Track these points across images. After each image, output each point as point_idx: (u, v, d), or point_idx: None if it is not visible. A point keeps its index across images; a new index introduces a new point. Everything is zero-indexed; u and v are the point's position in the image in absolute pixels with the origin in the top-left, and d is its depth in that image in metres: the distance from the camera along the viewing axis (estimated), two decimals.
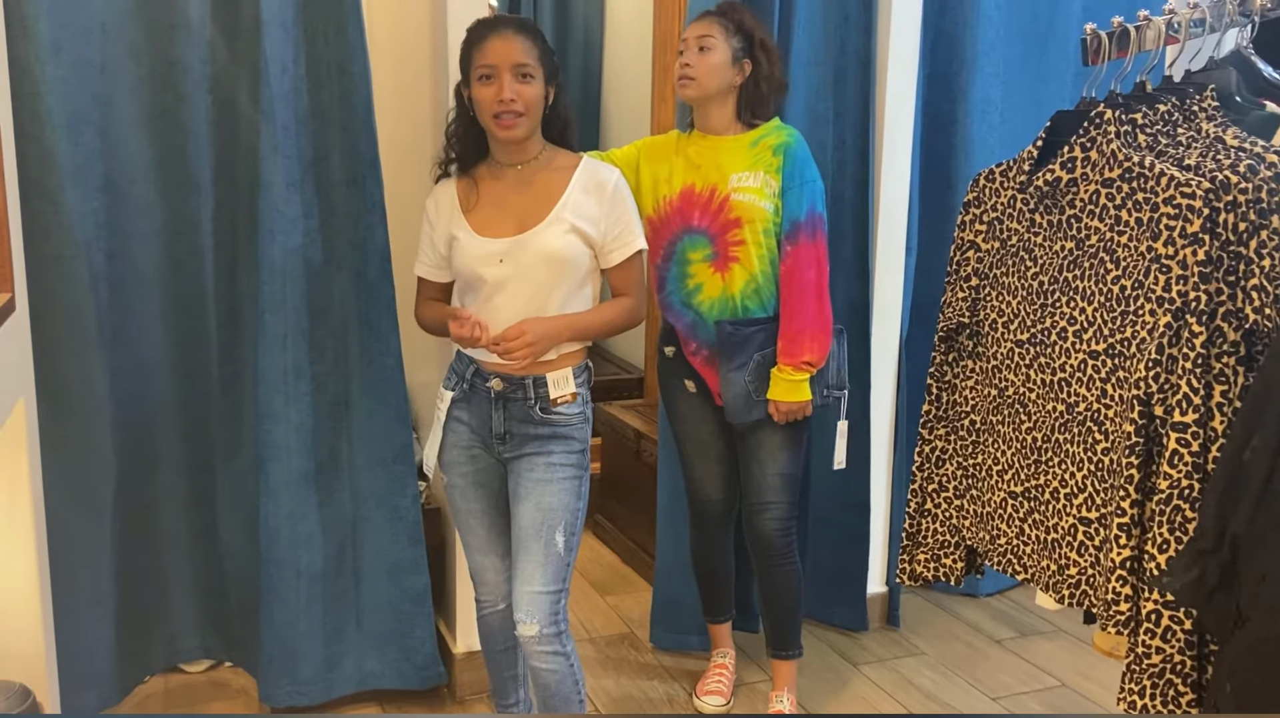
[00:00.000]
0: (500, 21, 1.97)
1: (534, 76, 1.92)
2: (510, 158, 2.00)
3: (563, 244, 1.95)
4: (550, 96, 1.99)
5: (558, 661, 1.98)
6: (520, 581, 1.98)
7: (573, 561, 2.02)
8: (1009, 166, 1.84)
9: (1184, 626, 1.54)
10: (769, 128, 2.33)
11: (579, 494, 2.02)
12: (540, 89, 1.94)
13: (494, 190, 2.02)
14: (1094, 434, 1.69)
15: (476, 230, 1.99)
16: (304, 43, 2.25)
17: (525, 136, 1.96)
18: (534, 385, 1.99)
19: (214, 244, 2.32)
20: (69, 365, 2.16)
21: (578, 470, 2.02)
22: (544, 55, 1.95)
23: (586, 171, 2.01)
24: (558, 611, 1.98)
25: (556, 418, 2.00)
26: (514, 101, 1.90)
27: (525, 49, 1.91)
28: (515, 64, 1.90)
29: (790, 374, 2.28)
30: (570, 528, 1.99)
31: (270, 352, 2.29)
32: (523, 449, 2.01)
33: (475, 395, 2.04)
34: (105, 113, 2.17)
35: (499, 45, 1.90)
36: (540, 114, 1.97)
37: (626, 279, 2.03)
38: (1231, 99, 1.69)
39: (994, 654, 2.91)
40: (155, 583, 2.43)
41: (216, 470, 2.42)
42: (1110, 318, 1.64)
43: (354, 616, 2.49)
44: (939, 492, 2.02)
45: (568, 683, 2.00)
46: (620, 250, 2.00)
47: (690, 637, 2.84)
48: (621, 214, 2.00)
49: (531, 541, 1.98)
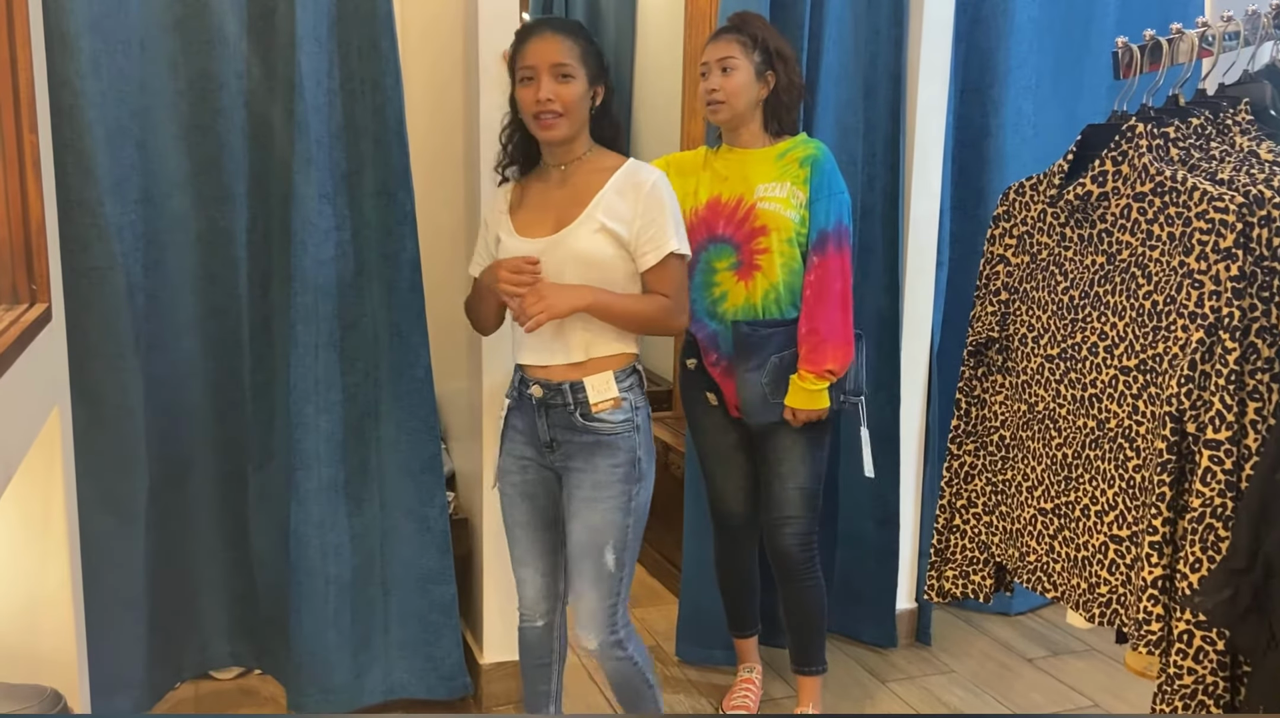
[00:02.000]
0: (541, 23, 1.98)
1: (574, 77, 1.91)
2: (555, 158, 2.01)
3: (591, 244, 1.93)
4: (598, 97, 1.97)
5: (623, 664, 2.04)
6: (574, 595, 2.02)
7: (626, 574, 2.01)
8: (1039, 180, 1.82)
9: (1216, 646, 1.51)
10: (796, 141, 2.34)
11: (627, 510, 1.98)
12: (581, 89, 1.93)
13: (539, 191, 2.03)
14: (1125, 451, 1.66)
15: (518, 230, 2.00)
16: (338, 57, 2.28)
17: (566, 137, 1.95)
18: (572, 391, 1.97)
19: (248, 255, 2.35)
20: (105, 374, 2.20)
21: (625, 485, 1.97)
22: (587, 55, 1.94)
23: (625, 172, 1.98)
24: (614, 620, 2.01)
25: (600, 425, 1.97)
26: (551, 102, 1.90)
27: (564, 49, 1.91)
28: (553, 64, 1.90)
29: (812, 383, 2.28)
30: (619, 544, 1.98)
31: (302, 362, 2.31)
32: (571, 460, 2.00)
33: (523, 403, 2.05)
34: (143, 126, 2.21)
35: (538, 46, 1.92)
36: (583, 114, 1.96)
37: (661, 282, 1.97)
38: (1266, 112, 1.66)
39: (1025, 673, 2.87)
40: (186, 590, 2.46)
41: (247, 479, 2.44)
42: (1142, 333, 1.62)
43: (382, 625, 2.51)
44: (968, 508, 2.00)
45: (636, 679, 2.06)
46: (653, 253, 1.95)
47: (716, 651, 2.83)
48: (656, 215, 1.95)
49: (583, 558, 1.99)
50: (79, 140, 2.09)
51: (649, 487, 2.03)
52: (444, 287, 2.71)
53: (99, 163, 2.13)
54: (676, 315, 2.00)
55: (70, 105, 2.07)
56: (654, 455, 2.06)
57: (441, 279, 2.70)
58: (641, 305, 1.98)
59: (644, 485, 2.02)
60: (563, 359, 1.98)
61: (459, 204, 2.61)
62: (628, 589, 2.03)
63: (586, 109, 1.96)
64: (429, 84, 2.81)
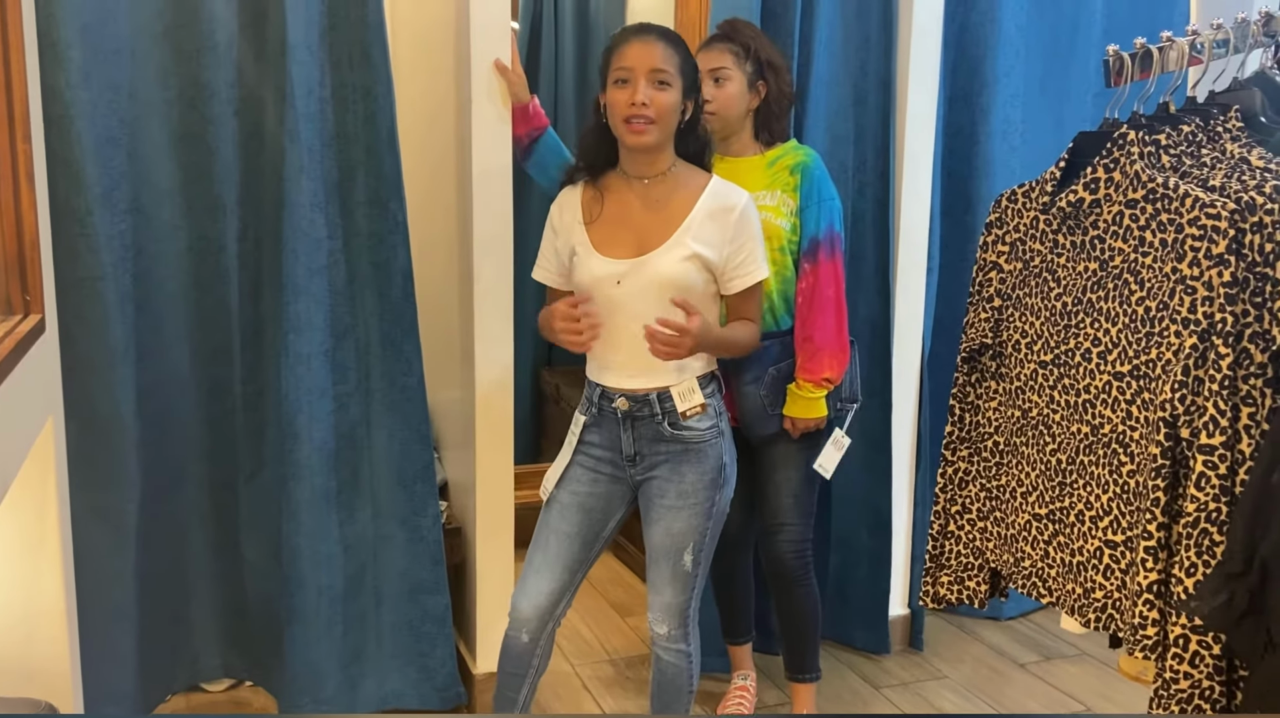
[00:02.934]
0: (645, 28, 1.95)
1: (671, 85, 1.89)
2: (639, 170, 1.97)
3: (680, 271, 1.92)
4: (689, 111, 1.95)
5: (680, 657, 2.09)
6: (652, 590, 2.07)
7: (702, 572, 2.05)
8: (1031, 187, 1.84)
9: (1212, 650, 1.52)
10: (787, 148, 2.34)
11: (709, 515, 2.01)
12: (676, 99, 1.90)
13: (619, 204, 1.98)
14: (1119, 456, 1.67)
15: (596, 247, 1.97)
16: (329, 66, 2.27)
17: (655, 145, 1.92)
18: (659, 400, 1.97)
19: (239, 264, 2.34)
20: (96, 385, 2.18)
21: (711, 492, 1.99)
22: (685, 67, 1.92)
23: (714, 194, 1.96)
24: (687, 616, 2.07)
25: (688, 433, 1.97)
26: (645, 106, 1.87)
27: (664, 56, 1.89)
28: (652, 69, 1.87)
29: (810, 391, 2.28)
30: (699, 547, 2.02)
31: (293, 371, 2.30)
32: (654, 471, 2.01)
33: (604, 418, 2.03)
34: (133, 136, 2.20)
35: (638, 49, 1.89)
36: (673, 125, 1.93)
37: (747, 306, 2.02)
38: (1256, 119, 1.68)
39: (1018, 678, 2.88)
40: (178, 601, 2.45)
41: (239, 489, 2.43)
42: (1135, 339, 1.63)
43: (375, 635, 2.50)
44: (962, 513, 2.01)
45: (682, 677, 2.11)
46: (742, 279, 1.97)
47: (711, 658, 2.82)
48: (746, 241, 1.95)
49: (662, 559, 2.03)
50: (68, 150, 2.08)
51: (730, 490, 2.06)
52: (436, 295, 2.70)
53: (88, 172, 2.11)
54: (759, 337, 2.08)
55: (59, 115, 2.06)
56: (736, 459, 2.08)
57: (434, 288, 2.69)
58: (739, 336, 2.03)
59: (727, 490, 2.05)
60: (654, 383, 1.99)
61: (451, 213, 2.61)
62: (702, 585, 2.08)
63: (677, 120, 1.94)
64: (421, 92, 2.81)
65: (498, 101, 2.38)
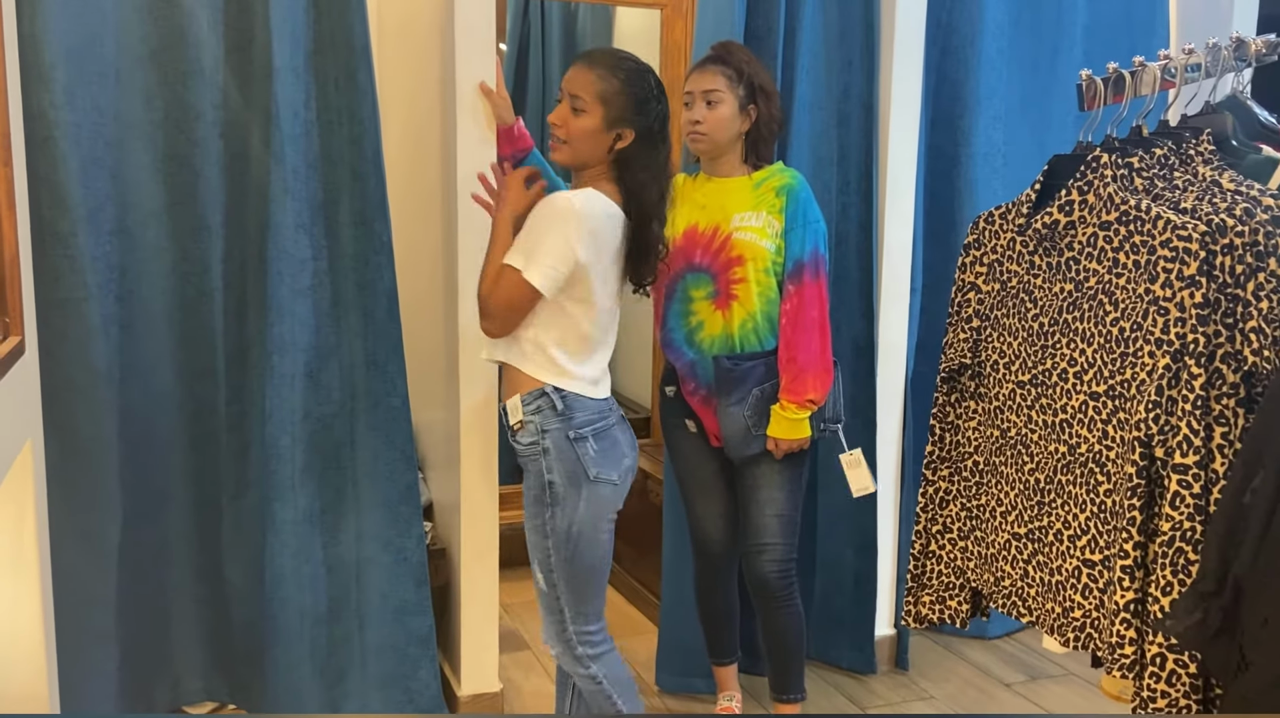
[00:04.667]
0: (586, 55, 2.05)
1: (585, 111, 1.96)
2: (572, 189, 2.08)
3: None
4: (625, 139, 1.98)
5: (586, 681, 2.10)
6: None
7: (565, 591, 2.02)
8: (1008, 209, 1.85)
9: (1189, 669, 1.53)
10: (773, 170, 2.36)
11: (544, 532, 2.01)
12: (590, 124, 1.96)
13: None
14: (1096, 476, 1.68)
15: None
16: (315, 88, 2.29)
17: (566, 163, 2.02)
18: (503, 412, 2.06)
19: (223, 285, 2.34)
20: (78, 406, 2.18)
21: (539, 507, 2.01)
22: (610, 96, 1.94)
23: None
24: (568, 637, 2.05)
25: (519, 447, 2.04)
26: (557, 126, 1.98)
27: (583, 81, 1.97)
28: (571, 93, 1.98)
29: (794, 412, 2.29)
30: (544, 565, 2.02)
31: (278, 392, 2.30)
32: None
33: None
34: (118, 157, 2.21)
35: (570, 73, 2.00)
36: (587, 148, 1.98)
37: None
38: (1228, 143, 1.70)
39: (1003, 698, 2.87)
40: (159, 624, 2.43)
41: (222, 510, 2.43)
42: (1110, 359, 1.64)
43: (358, 658, 2.49)
44: (943, 533, 2.01)
45: (600, 699, 2.09)
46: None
47: (696, 679, 2.82)
48: (529, 223, 1.97)
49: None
50: (53, 172, 2.09)
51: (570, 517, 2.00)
52: (421, 316, 2.71)
53: (73, 194, 2.12)
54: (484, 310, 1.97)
55: (45, 137, 2.07)
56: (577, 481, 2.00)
57: (419, 309, 2.70)
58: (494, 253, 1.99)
59: (561, 512, 2.00)
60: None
61: (436, 234, 2.62)
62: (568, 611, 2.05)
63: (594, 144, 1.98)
64: (406, 115, 2.83)
65: (482, 123, 2.40)
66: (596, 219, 1.95)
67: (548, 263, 1.91)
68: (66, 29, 2.08)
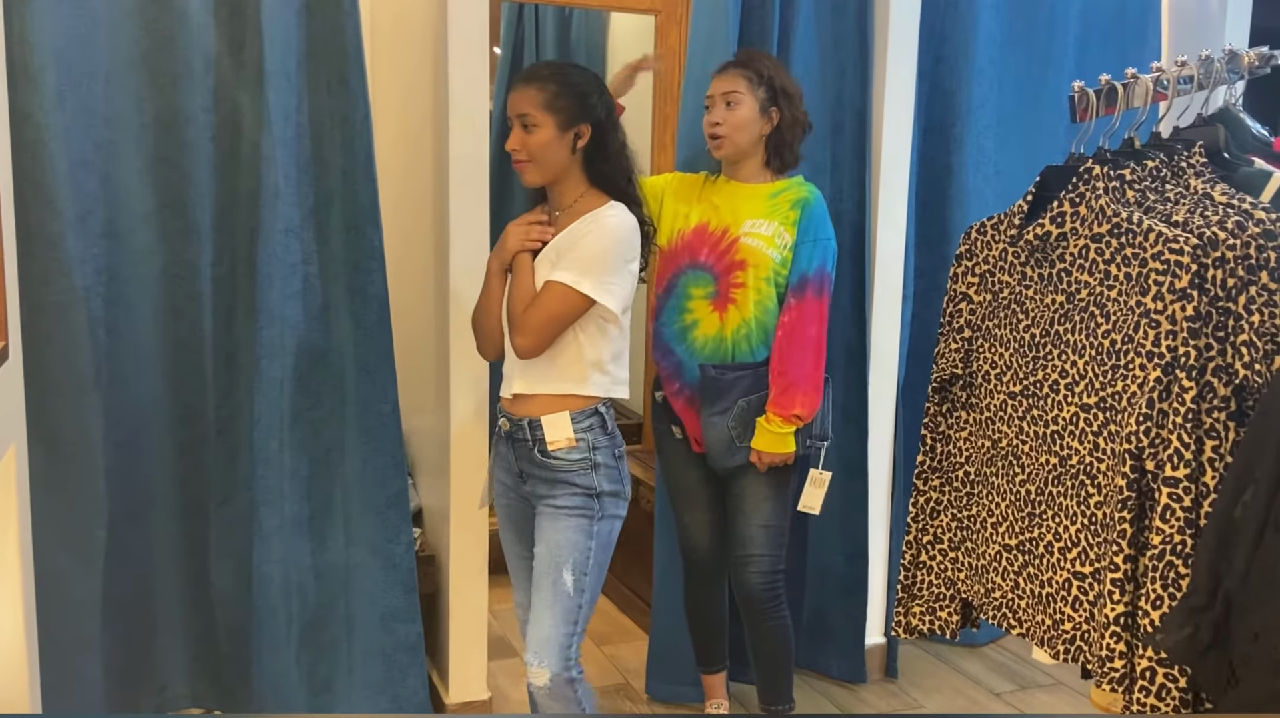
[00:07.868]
0: (523, 73, 2.03)
1: (537, 125, 1.95)
2: (552, 204, 2.06)
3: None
4: (584, 137, 1.98)
5: (569, 703, 2.00)
6: (531, 623, 2.00)
7: (585, 602, 2.00)
8: (1000, 220, 1.85)
9: (1179, 683, 1.52)
10: (793, 183, 2.36)
11: (589, 533, 1.99)
12: (546, 136, 1.95)
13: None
14: (1087, 488, 1.68)
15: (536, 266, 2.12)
16: (307, 92, 2.28)
17: (540, 182, 2.02)
18: (530, 428, 2.01)
19: (213, 290, 2.33)
20: (65, 409, 2.17)
21: (585, 511, 1.99)
22: (556, 101, 1.95)
23: (584, 218, 2.00)
24: (569, 656, 1.98)
25: (555, 463, 2.00)
26: (518, 150, 1.97)
27: (528, 99, 1.96)
28: (517, 115, 1.97)
29: (779, 426, 2.28)
30: (580, 567, 1.98)
31: (267, 397, 2.29)
32: (537, 488, 2.04)
33: (499, 433, 2.11)
34: (108, 160, 2.19)
35: (511, 99, 1.99)
36: (553, 159, 1.98)
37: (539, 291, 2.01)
38: (1220, 155, 1.70)
39: (994, 708, 2.87)
40: (146, 629, 2.42)
41: (210, 515, 2.41)
42: (1101, 371, 1.64)
43: (346, 664, 2.47)
44: (934, 543, 2.01)
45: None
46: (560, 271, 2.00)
47: (686, 687, 2.81)
48: (581, 239, 1.97)
49: (542, 579, 1.99)
50: (42, 174, 2.07)
51: (610, 526, 2.06)
52: (412, 322, 2.70)
53: (62, 196, 2.11)
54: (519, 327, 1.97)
55: (33, 139, 2.06)
56: (622, 492, 2.06)
57: (410, 314, 2.69)
58: (524, 284, 2.00)
59: (607, 523, 2.05)
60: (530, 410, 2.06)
61: (428, 239, 2.61)
62: (581, 629, 2.02)
63: (557, 154, 1.99)
64: (398, 119, 2.82)
65: (474, 128, 2.39)
66: (634, 231, 2.01)
67: (611, 280, 1.95)
68: (56, 31, 2.07)
